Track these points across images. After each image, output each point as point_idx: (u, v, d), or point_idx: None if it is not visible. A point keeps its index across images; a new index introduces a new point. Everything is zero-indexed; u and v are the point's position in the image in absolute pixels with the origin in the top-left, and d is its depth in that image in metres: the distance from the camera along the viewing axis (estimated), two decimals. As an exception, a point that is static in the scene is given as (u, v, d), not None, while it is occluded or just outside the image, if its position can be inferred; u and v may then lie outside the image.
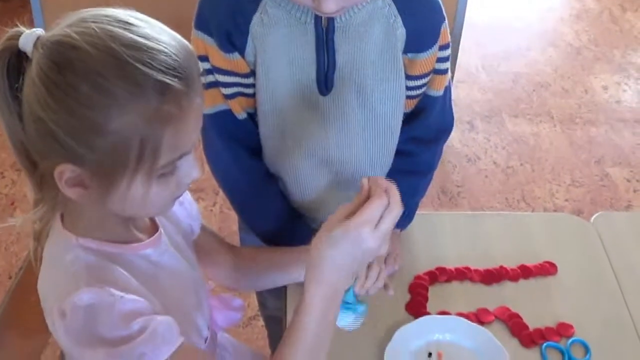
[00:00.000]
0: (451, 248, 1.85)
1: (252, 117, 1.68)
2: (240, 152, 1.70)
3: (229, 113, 1.65)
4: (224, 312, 1.60)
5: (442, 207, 3.51)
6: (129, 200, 1.15)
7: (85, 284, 1.13)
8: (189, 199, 1.50)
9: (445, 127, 1.80)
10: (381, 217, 1.19)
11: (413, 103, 1.72)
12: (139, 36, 1.08)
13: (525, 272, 1.77)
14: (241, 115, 1.66)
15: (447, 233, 1.91)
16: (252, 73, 1.61)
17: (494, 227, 1.94)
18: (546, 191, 3.72)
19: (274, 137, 1.68)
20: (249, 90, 1.63)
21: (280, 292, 1.71)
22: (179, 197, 1.25)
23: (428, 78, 1.67)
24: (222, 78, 1.60)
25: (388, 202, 1.20)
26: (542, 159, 3.95)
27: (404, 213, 1.41)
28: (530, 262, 1.80)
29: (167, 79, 1.07)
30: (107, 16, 1.10)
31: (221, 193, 3.56)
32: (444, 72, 1.70)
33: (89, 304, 1.11)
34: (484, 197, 3.64)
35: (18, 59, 1.11)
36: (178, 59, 1.10)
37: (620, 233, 1.94)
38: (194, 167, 1.19)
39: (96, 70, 1.05)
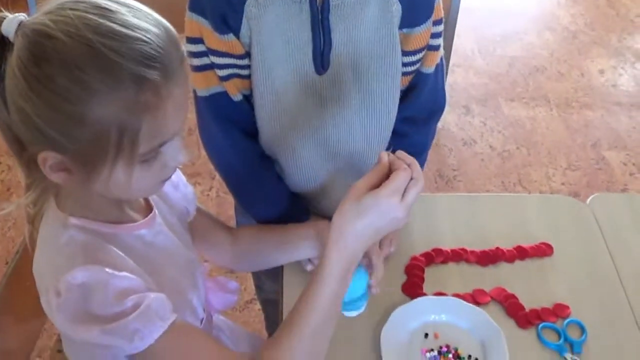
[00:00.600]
0: (447, 229, 1.85)
1: (248, 99, 1.67)
2: (236, 134, 1.69)
3: (224, 95, 1.64)
4: (219, 294, 1.60)
5: (438, 190, 3.51)
6: (113, 185, 1.16)
7: (80, 263, 1.13)
8: (183, 182, 1.50)
9: (437, 107, 1.79)
10: (406, 189, 1.21)
11: (407, 80, 1.71)
12: (117, 24, 1.07)
13: (521, 253, 1.77)
14: (237, 97, 1.65)
15: (443, 215, 1.91)
16: (248, 54, 1.60)
17: (490, 209, 1.94)
18: (542, 174, 3.72)
19: (270, 118, 1.67)
20: (245, 72, 1.62)
21: (277, 275, 1.71)
22: (166, 179, 1.25)
23: (422, 54, 1.66)
24: (217, 60, 1.59)
25: (413, 175, 1.22)
26: (539, 142, 3.96)
27: None
28: (526, 244, 1.80)
29: (144, 71, 1.07)
30: (85, 2, 1.09)
31: (218, 177, 3.58)
32: (437, 48, 1.69)
33: (83, 282, 1.12)
34: (480, 180, 3.64)
35: (1, 44, 1.11)
36: (157, 48, 1.09)
37: (616, 214, 1.94)
38: (180, 152, 1.19)
39: (72, 62, 1.05)
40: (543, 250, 1.79)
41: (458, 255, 1.77)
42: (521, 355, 1.54)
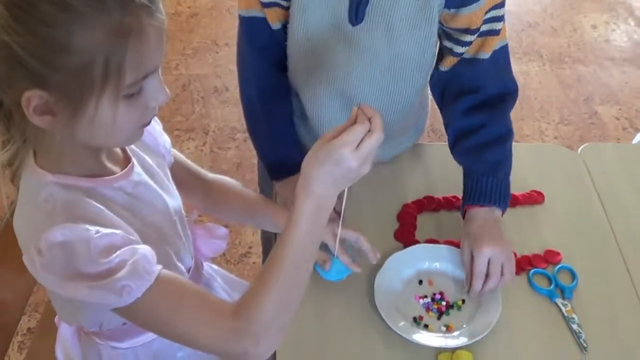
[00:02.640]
0: (439, 178, 1.87)
1: (285, 30, 1.68)
2: (263, 62, 1.73)
3: (262, 21, 1.66)
4: (208, 241, 1.61)
5: (428, 142, 3.51)
6: (97, 125, 1.15)
7: (61, 221, 1.13)
8: (159, 130, 1.49)
9: (507, 90, 1.74)
10: (362, 140, 1.22)
11: (454, 61, 1.70)
12: None
13: (512, 201, 1.76)
14: (275, 25, 1.67)
15: (435, 163, 1.92)
16: None
17: (482, 158, 1.94)
18: (535, 129, 3.73)
19: (298, 57, 1.70)
20: (285, 3, 1.64)
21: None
22: (147, 124, 1.24)
23: (474, 37, 1.64)
24: None
25: (370, 127, 1.22)
26: (531, 97, 3.96)
27: (498, 189, 1.62)
28: (517, 192, 1.81)
29: None
30: None
31: (211, 132, 3.61)
32: (496, 33, 1.66)
33: (64, 240, 1.11)
34: (473, 135, 3.64)
35: None
36: None
37: (607, 163, 1.96)
38: (160, 90, 1.19)
39: None
40: (534, 198, 1.80)
41: (450, 203, 1.78)
42: (513, 301, 1.56)
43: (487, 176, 1.65)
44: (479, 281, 1.55)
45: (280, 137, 1.79)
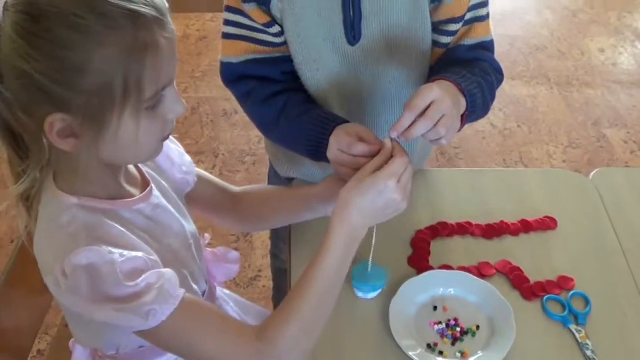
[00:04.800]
0: (452, 203, 1.87)
1: (256, 61, 1.68)
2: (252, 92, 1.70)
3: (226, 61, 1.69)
4: (219, 265, 1.62)
5: (440, 168, 3.52)
6: (120, 142, 1.17)
7: (84, 244, 1.14)
8: (176, 153, 1.50)
9: (495, 66, 1.71)
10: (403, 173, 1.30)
11: (439, 52, 1.70)
12: None
13: (525, 227, 1.79)
14: (236, 58, 1.67)
15: (447, 189, 1.92)
16: (273, 24, 1.62)
17: (493, 183, 1.95)
18: (543, 152, 3.74)
19: (309, 86, 1.70)
20: (259, 36, 1.64)
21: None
22: (166, 137, 1.26)
23: (458, 25, 1.64)
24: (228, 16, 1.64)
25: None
26: (539, 120, 3.97)
27: (473, 83, 1.53)
28: (529, 217, 1.81)
29: (137, 7, 1.09)
30: None
31: (220, 155, 3.62)
32: (481, 19, 1.66)
33: (89, 263, 1.13)
34: (481, 158, 3.66)
35: None
36: None
37: (618, 188, 1.96)
38: (177, 101, 1.21)
39: (69, 11, 1.06)
40: (547, 224, 1.81)
41: (463, 229, 1.78)
42: (526, 327, 1.56)
43: (467, 72, 1.57)
44: (409, 114, 1.38)
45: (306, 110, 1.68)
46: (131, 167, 1.36)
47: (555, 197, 1.91)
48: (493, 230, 1.78)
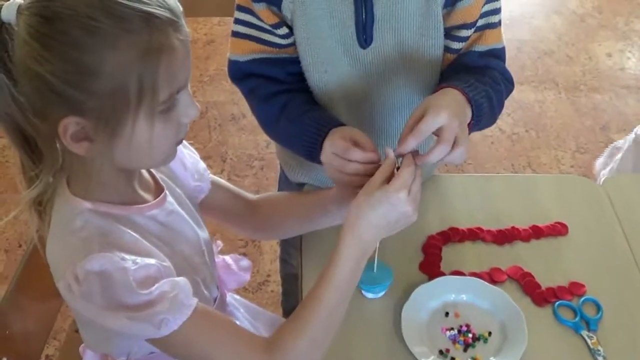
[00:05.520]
0: (463, 209, 1.86)
1: (262, 61, 1.68)
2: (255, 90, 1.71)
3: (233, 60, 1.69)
4: (231, 272, 1.62)
5: (448, 173, 3.51)
6: (135, 146, 1.17)
7: (97, 249, 1.15)
8: (190, 160, 1.50)
9: (506, 76, 1.72)
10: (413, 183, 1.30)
11: (451, 58, 1.70)
12: None
13: (536, 233, 1.78)
14: (243, 57, 1.68)
15: (458, 195, 1.92)
16: (282, 25, 1.63)
17: (504, 189, 1.95)
18: (552, 157, 3.74)
19: (318, 89, 1.70)
20: (266, 37, 1.65)
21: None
22: (180, 141, 1.27)
23: (470, 31, 1.64)
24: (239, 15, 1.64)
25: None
26: (548, 125, 3.97)
27: (481, 92, 1.51)
28: (540, 223, 1.81)
29: (152, 9, 1.09)
30: None
31: (229, 160, 3.61)
32: (493, 26, 1.66)
33: (102, 269, 1.13)
34: (489, 163, 3.65)
35: (1, 33, 1.13)
36: None
37: (629, 194, 1.96)
38: (191, 105, 1.21)
39: (83, 13, 1.06)
40: (558, 230, 1.80)
41: (474, 234, 1.78)
42: (538, 333, 1.55)
43: (476, 80, 1.56)
44: (413, 140, 1.36)
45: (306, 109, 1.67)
46: (145, 173, 1.36)
47: (566, 203, 1.90)
48: (504, 236, 1.77)
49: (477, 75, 1.59)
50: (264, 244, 3.15)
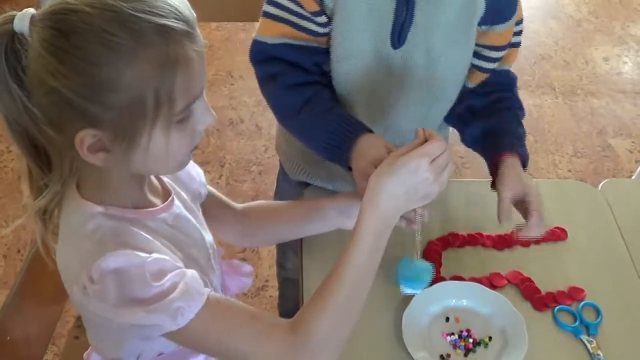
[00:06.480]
0: (462, 214, 1.87)
1: (294, 46, 1.67)
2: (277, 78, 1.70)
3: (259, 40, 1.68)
4: (234, 277, 1.63)
5: (449, 178, 3.52)
6: (151, 155, 1.17)
7: (111, 249, 1.14)
8: (193, 164, 1.51)
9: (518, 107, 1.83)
10: (437, 157, 1.27)
11: (483, 77, 1.75)
12: None
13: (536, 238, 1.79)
14: (272, 39, 1.66)
15: (457, 200, 1.93)
16: (321, 14, 1.62)
17: (503, 194, 1.94)
18: (549, 162, 3.74)
19: (341, 81, 1.70)
20: (303, 23, 1.64)
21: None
22: (195, 148, 1.26)
23: (502, 52, 1.69)
24: None
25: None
26: (545, 130, 3.97)
27: (519, 142, 1.69)
28: (540, 228, 1.81)
29: (168, 21, 1.09)
30: None
31: (227, 165, 3.61)
32: (517, 45, 1.75)
33: (117, 267, 1.13)
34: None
35: (13, 43, 1.13)
36: (175, 5, 1.12)
37: (628, 199, 1.97)
38: (207, 113, 1.21)
39: (99, 28, 1.06)
40: (557, 235, 1.81)
41: (474, 240, 1.79)
42: (538, 338, 1.56)
43: (514, 130, 1.75)
44: (540, 220, 1.60)
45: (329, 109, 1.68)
46: (153, 177, 1.36)
47: (565, 208, 1.91)
48: (504, 242, 1.78)
49: (514, 122, 1.77)
50: (262, 249, 3.16)
